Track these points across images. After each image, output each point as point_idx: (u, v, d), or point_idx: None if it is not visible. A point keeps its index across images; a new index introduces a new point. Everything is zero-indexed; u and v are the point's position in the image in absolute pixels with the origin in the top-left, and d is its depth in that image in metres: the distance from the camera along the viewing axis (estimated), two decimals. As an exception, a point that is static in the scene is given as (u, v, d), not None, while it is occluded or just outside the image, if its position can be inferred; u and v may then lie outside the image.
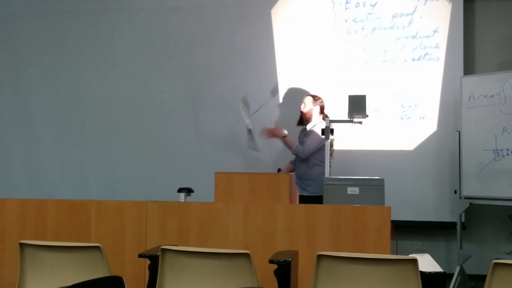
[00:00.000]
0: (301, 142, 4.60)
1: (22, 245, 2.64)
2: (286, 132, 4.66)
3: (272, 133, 4.68)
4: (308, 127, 4.64)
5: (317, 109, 4.67)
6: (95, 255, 2.57)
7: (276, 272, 2.56)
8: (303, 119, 4.69)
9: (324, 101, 4.74)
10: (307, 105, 4.69)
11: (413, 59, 5.24)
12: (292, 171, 4.74)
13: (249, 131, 4.77)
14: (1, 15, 6.09)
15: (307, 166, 4.55)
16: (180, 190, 3.80)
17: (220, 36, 5.64)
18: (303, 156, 4.52)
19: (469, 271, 4.71)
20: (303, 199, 4.41)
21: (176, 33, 5.73)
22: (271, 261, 2.56)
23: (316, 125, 4.57)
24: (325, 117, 4.66)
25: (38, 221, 3.52)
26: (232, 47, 5.59)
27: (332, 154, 4.63)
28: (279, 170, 4.74)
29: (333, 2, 5.42)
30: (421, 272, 2.28)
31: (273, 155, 5.34)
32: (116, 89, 5.77)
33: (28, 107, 5.95)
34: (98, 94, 5.81)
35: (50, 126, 5.88)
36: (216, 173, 3.61)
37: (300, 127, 4.76)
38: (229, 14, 5.64)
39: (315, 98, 4.72)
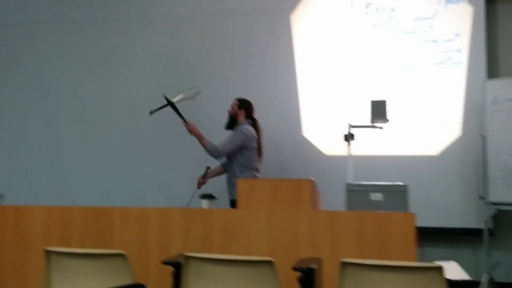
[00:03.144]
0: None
1: (47, 252, 2.67)
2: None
3: (192, 129, 4.57)
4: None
5: (242, 112, 4.71)
6: (120, 262, 2.59)
7: (300, 280, 2.54)
8: (230, 122, 4.75)
9: (252, 106, 4.75)
10: (234, 108, 4.75)
11: (435, 64, 5.19)
12: (221, 173, 4.79)
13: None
14: (27, 24, 6.22)
15: (236, 170, 4.58)
16: (202, 197, 3.81)
17: (239, 42, 5.66)
18: (217, 155, 4.53)
19: (497, 279, 4.63)
20: (231, 203, 4.52)
21: (195, 39, 5.77)
22: (295, 269, 2.54)
23: (237, 127, 4.63)
24: (252, 121, 4.71)
25: (63, 228, 3.56)
26: (251, 53, 5.60)
27: (260, 157, 4.71)
28: (207, 168, 4.75)
29: (353, 7, 5.40)
30: (448, 280, 2.25)
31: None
32: (139, 95, 5.82)
33: (53, 114, 6.04)
34: (121, 100, 5.88)
35: (75, 133, 5.96)
36: (238, 179, 3.62)
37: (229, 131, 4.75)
38: (248, 20, 5.66)
39: (241, 101, 4.77)
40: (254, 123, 4.74)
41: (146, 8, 5.95)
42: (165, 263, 2.77)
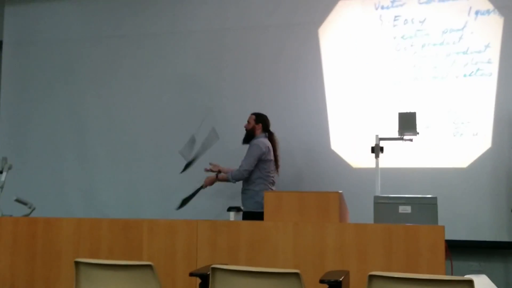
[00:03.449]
0: None
1: (77, 264, 2.71)
2: (214, 175, 4.80)
3: (210, 183, 4.85)
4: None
5: (259, 126, 4.80)
6: (147, 273, 2.61)
7: (327, 292, 2.53)
8: (247, 137, 4.84)
9: (268, 119, 4.86)
10: (250, 123, 4.84)
11: (465, 75, 5.12)
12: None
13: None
14: (59, 41, 6.38)
15: (251, 183, 4.67)
16: (229, 209, 3.83)
17: (267, 56, 5.69)
18: (243, 177, 4.66)
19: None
20: (244, 215, 4.50)
21: (223, 54, 5.83)
22: (321, 281, 2.52)
23: (252, 141, 4.72)
24: (269, 134, 4.81)
25: (92, 240, 3.61)
26: (279, 67, 5.62)
27: (277, 169, 4.77)
28: (218, 172, 4.82)
29: (381, 20, 5.38)
30: (478, 294, 2.20)
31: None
32: (167, 110, 5.89)
33: (83, 129, 6.16)
34: (150, 115, 5.95)
35: (104, 147, 6.07)
36: (265, 192, 3.62)
37: (246, 145, 4.85)
38: (276, 34, 5.68)
39: (257, 115, 4.85)
40: (270, 136, 4.82)
41: (174, 24, 6.03)
42: (192, 274, 2.78)
